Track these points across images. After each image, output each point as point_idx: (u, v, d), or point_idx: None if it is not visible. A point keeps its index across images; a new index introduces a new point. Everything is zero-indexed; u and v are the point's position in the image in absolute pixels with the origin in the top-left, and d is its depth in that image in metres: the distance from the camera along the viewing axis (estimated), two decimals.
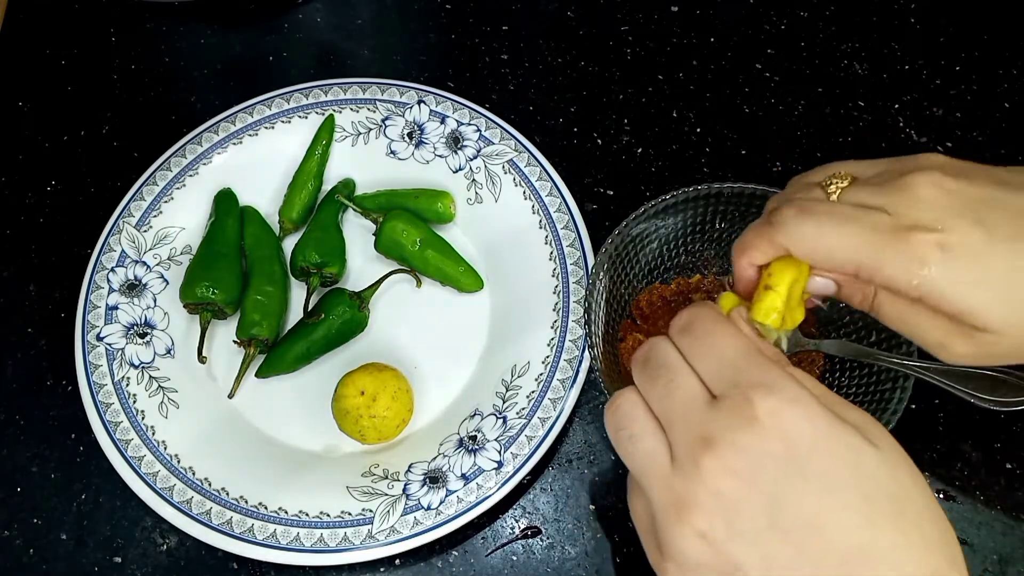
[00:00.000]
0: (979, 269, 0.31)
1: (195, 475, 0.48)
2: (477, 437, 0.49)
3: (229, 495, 0.47)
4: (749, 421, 0.29)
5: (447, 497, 0.47)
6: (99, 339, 0.52)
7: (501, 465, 0.47)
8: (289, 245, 0.56)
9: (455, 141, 0.58)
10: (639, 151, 0.61)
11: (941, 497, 0.48)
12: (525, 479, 0.48)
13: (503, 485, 0.47)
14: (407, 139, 0.59)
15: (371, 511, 0.47)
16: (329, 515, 0.47)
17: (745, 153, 0.60)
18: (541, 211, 0.55)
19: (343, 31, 0.67)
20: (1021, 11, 0.65)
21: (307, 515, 0.47)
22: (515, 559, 0.48)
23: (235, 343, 0.53)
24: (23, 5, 0.68)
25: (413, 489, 0.47)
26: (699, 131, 0.61)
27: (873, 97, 0.62)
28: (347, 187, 0.58)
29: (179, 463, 0.48)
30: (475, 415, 0.50)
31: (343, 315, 0.52)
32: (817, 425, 0.29)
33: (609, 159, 0.60)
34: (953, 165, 0.34)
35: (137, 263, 0.54)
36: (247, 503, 0.47)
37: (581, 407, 0.52)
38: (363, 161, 0.59)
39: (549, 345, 0.51)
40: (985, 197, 0.32)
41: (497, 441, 0.48)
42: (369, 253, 0.57)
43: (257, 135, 0.58)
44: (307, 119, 0.59)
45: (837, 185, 0.35)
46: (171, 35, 0.67)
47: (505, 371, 0.51)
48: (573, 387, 0.49)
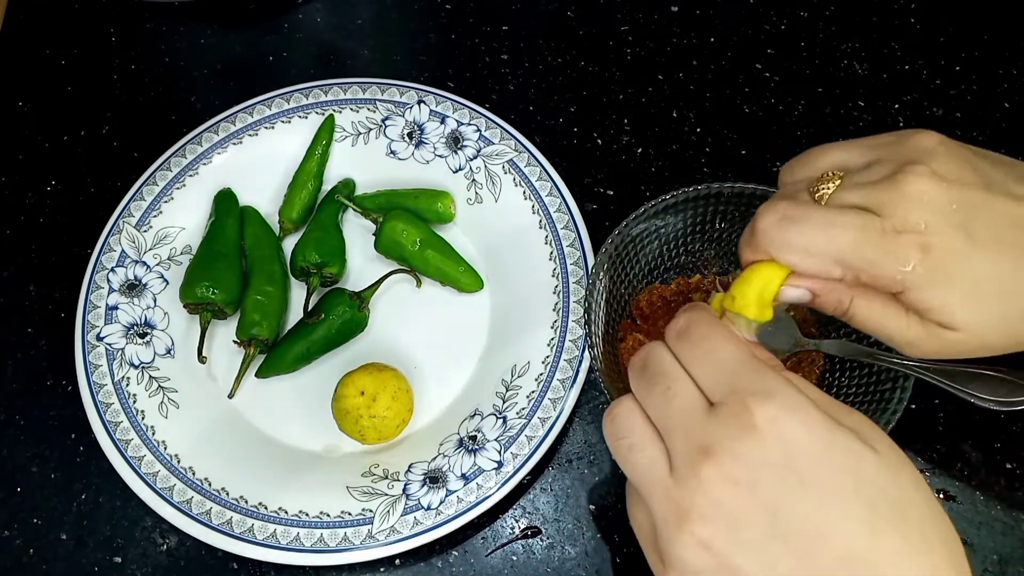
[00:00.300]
0: (954, 271, 0.33)
1: (195, 475, 0.48)
2: (477, 437, 0.49)
3: (229, 495, 0.47)
4: (748, 429, 0.29)
5: (447, 497, 0.47)
6: (99, 339, 0.52)
7: (501, 465, 0.47)
8: (289, 245, 0.56)
9: (455, 141, 0.58)
10: (639, 151, 0.61)
11: (941, 497, 0.48)
12: (525, 479, 0.48)
13: (503, 485, 0.47)
14: (407, 139, 0.59)
15: (371, 511, 0.47)
16: (329, 515, 0.47)
17: (745, 153, 0.60)
18: (541, 211, 0.55)
19: (343, 31, 0.67)
20: (1021, 11, 0.65)
21: (307, 515, 0.47)
22: (515, 559, 0.48)
23: (235, 343, 0.53)
24: (23, 5, 0.68)
25: (413, 489, 0.47)
26: (699, 131, 0.61)
27: (873, 97, 0.62)
28: (347, 187, 0.58)
29: (179, 463, 0.48)
30: (475, 415, 0.50)
31: (343, 315, 0.52)
32: (816, 431, 0.29)
33: (609, 159, 0.60)
34: (946, 159, 0.34)
35: (137, 263, 0.54)
36: (247, 503, 0.47)
37: (581, 407, 0.52)
38: (363, 161, 0.59)
39: (549, 345, 0.51)
40: (972, 201, 0.33)
41: (497, 441, 0.48)
42: (369, 253, 0.57)
43: (257, 135, 0.58)
44: (307, 119, 0.59)
45: (826, 188, 0.35)
46: (171, 35, 0.67)
47: (505, 371, 0.51)
48: (573, 387, 0.49)
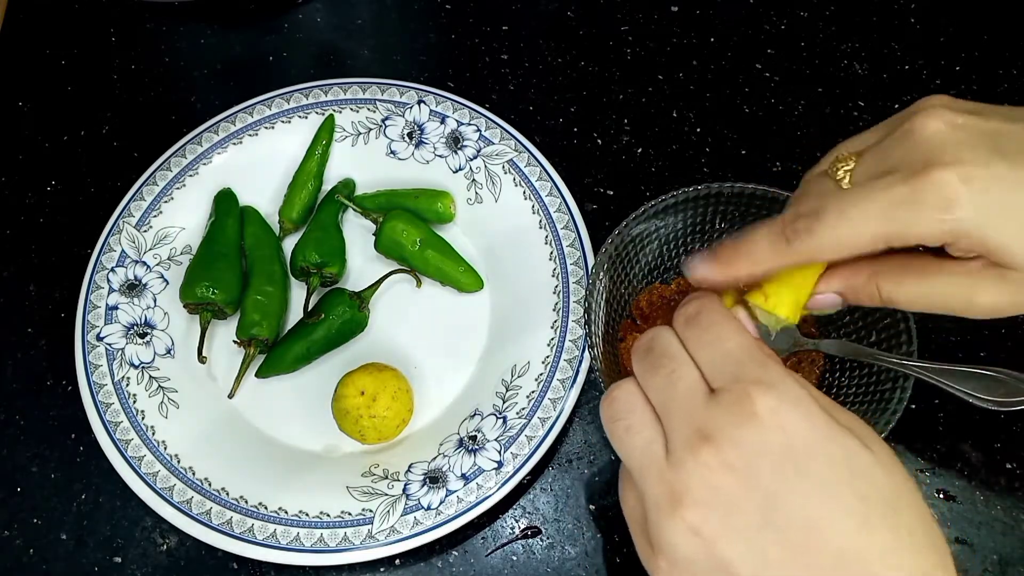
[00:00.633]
0: (1003, 200, 0.29)
1: (195, 475, 0.48)
2: (477, 437, 0.49)
3: (229, 495, 0.47)
4: (749, 417, 0.29)
5: (447, 497, 0.47)
6: (99, 339, 0.52)
7: (501, 465, 0.47)
8: (289, 245, 0.56)
9: (455, 141, 0.58)
10: (639, 151, 0.61)
11: (941, 497, 0.48)
12: (525, 479, 0.48)
13: (503, 485, 0.47)
14: (407, 139, 0.59)
15: (371, 511, 0.47)
16: (329, 515, 0.47)
17: (745, 153, 0.60)
18: (541, 211, 0.55)
19: (343, 31, 0.67)
20: (1021, 11, 0.65)
21: (307, 515, 0.47)
22: (515, 559, 0.48)
23: (235, 343, 0.53)
24: (23, 5, 0.68)
25: (413, 489, 0.47)
26: (699, 131, 0.61)
27: (873, 97, 0.62)
28: (347, 187, 0.58)
29: (179, 463, 0.48)
30: (475, 415, 0.50)
31: (343, 315, 0.52)
32: (816, 425, 0.29)
33: (609, 159, 0.60)
34: (956, 102, 0.32)
35: (137, 263, 0.54)
36: (247, 503, 0.47)
37: (581, 407, 0.52)
38: (363, 161, 0.59)
39: (549, 345, 0.51)
40: (997, 129, 0.30)
41: (497, 441, 0.48)
42: (369, 253, 0.57)
43: (257, 135, 0.58)
44: (307, 119, 0.59)
45: (844, 169, 0.33)
46: (171, 35, 0.67)
47: (505, 371, 0.51)
48: (573, 387, 0.49)
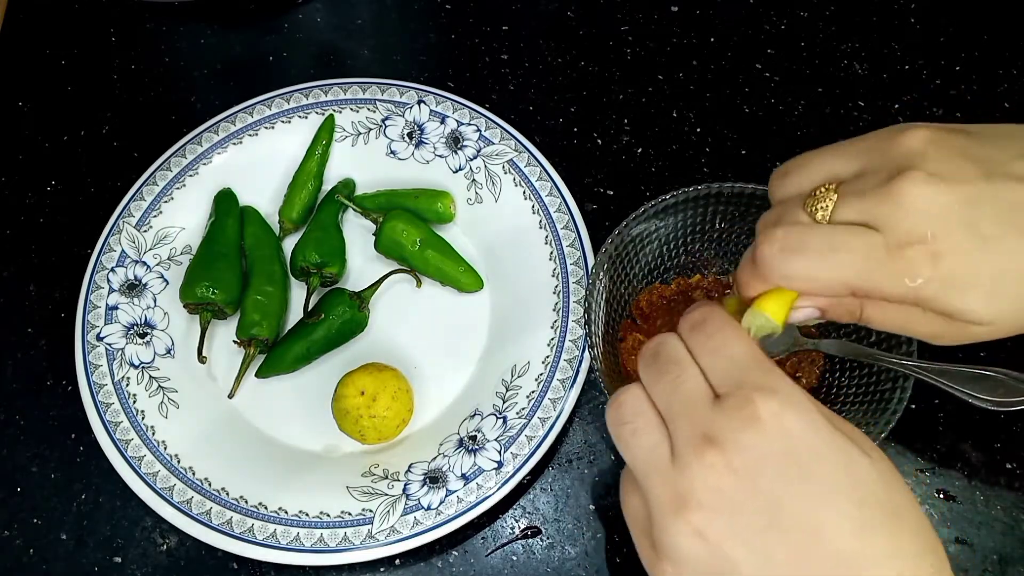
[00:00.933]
0: (970, 273, 0.31)
1: (195, 475, 0.48)
2: (477, 437, 0.49)
3: (229, 495, 0.47)
4: (752, 421, 0.30)
5: (447, 497, 0.47)
6: (99, 339, 0.52)
7: (501, 465, 0.47)
8: (289, 245, 0.56)
9: (455, 141, 0.58)
10: (639, 151, 0.61)
11: (941, 497, 0.48)
12: (525, 479, 0.48)
13: (503, 485, 0.47)
14: (407, 139, 0.59)
15: (371, 511, 0.47)
16: (329, 515, 0.47)
17: (745, 153, 0.60)
18: (541, 211, 0.55)
19: (343, 31, 0.67)
20: (1021, 11, 0.65)
21: (307, 515, 0.47)
22: (515, 559, 0.48)
23: (235, 343, 0.53)
24: (23, 5, 0.68)
25: (413, 489, 0.47)
26: (699, 131, 0.61)
27: (873, 97, 0.62)
28: (347, 187, 0.58)
29: (179, 463, 0.48)
30: (475, 415, 0.50)
31: (343, 315, 0.52)
32: (818, 430, 0.30)
33: (609, 159, 0.60)
34: (938, 158, 0.33)
35: (137, 263, 0.54)
36: (247, 503, 0.47)
37: (581, 407, 0.52)
38: (363, 161, 0.59)
39: (549, 345, 0.51)
40: (974, 195, 0.32)
41: (497, 441, 0.48)
42: (369, 253, 0.57)
43: (257, 135, 0.58)
44: (307, 119, 0.59)
45: (824, 206, 0.34)
46: (171, 35, 0.67)
47: (505, 371, 0.51)
48: (573, 387, 0.49)
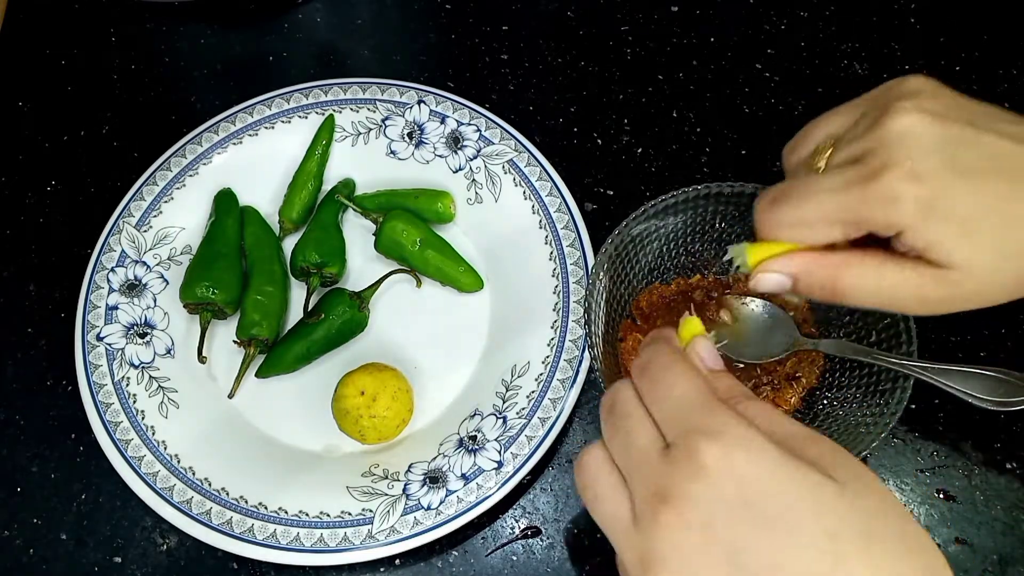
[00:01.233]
0: (944, 204, 0.32)
1: (195, 475, 0.48)
2: (477, 437, 0.49)
3: (229, 495, 0.47)
4: (698, 471, 0.29)
5: (447, 497, 0.47)
6: (99, 339, 0.52)
7: (501, 465, 0.47)
8: (289, 245, 0.56)
9: (455, 141, 0.58)
10: (639, 151, 0.61)
11: (941, 497, 0.48)
12: (525, 479, 0.48)
13: (503, 485, 0.47)
14: (407, 139, 0.59)
15: (371, 511, 0.47)
16: (329, 515, 0.47)
17: (745, 153, 0.60)
18: (541, 211, 0.55)
19: (343, 31, 0.67)
20: (1021, 11, 0.65)
21: (307, 515, 0.47)
22: (515, 559, 0.48)
23: (235, 343, 0.53)
24: (23, 5, 0.68)
25: (413, 489, 0.47)
26: (699, 131, 0.61)
27: None
28: (347, 187, 0.58)
29: (179, 463, 0.48)
30: (475, 415, 0.50)
31: (343, 315, 0.52)
32: (768, 466, 0.29)
33: (609, 159, 0.60)
34: (932, 97, 0.34)
35: (137, 263, 0.54)
36: (247, 503, 0.47)
37: (581, 407, 0.51)
38: (363, 161, 0.59)
39: (549, 345, 0.51)
40: (958, 135, 0.33)
41: (497, 441, 0.48)
42: (369, 253, 0.57)
43: (257, 135, 0.58)
44: (307, 119, 0.59)
45: (821, 161, 0.35)
46: (171, 35, 0.67)
47: (505, 371, 0.51)
48: (573, 387, 0.49)
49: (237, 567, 0.48)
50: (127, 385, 0.51)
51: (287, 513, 0.47)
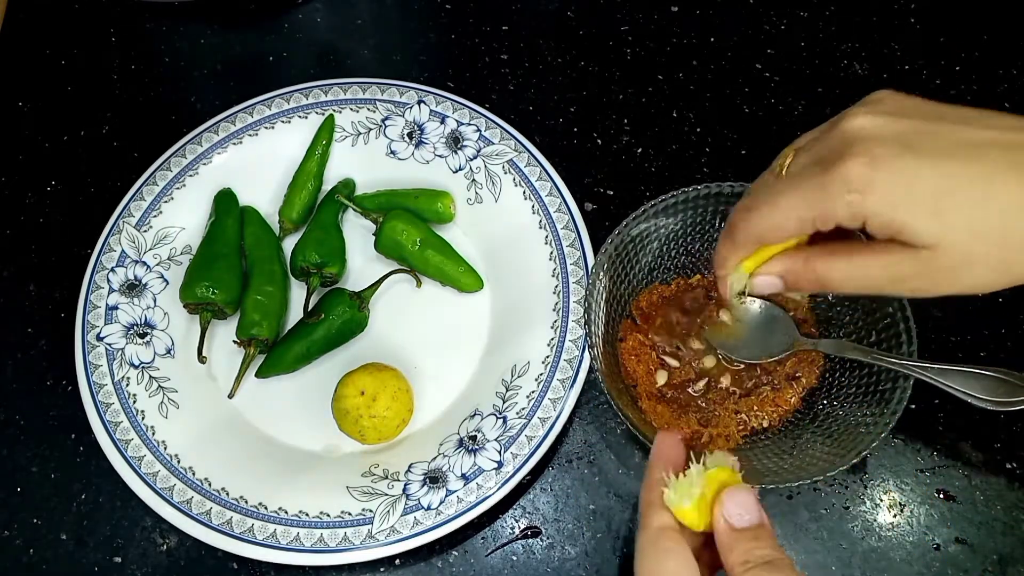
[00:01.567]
0: (906, 184, 0.32)
1: (195, 475, 0.48)
2: (477, 437, 0.49)
3: (229, 495, 0.47)
4: None
5: (447, 497, 0.47)
6: (99, 339, 0.52)
7: (501, 465, 0.47)
8: (289, 245, 0.56)
9: (455, 141, 0.58)
10: (639, 151, 0.61)
11: (941, 497, 0.48)
12: (525, 479, 0.48)
13: (503, 485, 0.47)
14: (407, 139, 0.59)
15: (371, 511, 0.47)
16: (329, 515, 0.47)
17: (745, 153, 0.60)
18: (541, 211, 0.55)
19: (343, 31, 0.67)
20: (1021, 11, 0.65)
21: (307, 515, 0.47)
22: (515, 559, 0.48)
23: (235, 343, 0.53)
24: (23, 5, 0.68)
25: (413, 489, 0.47)
26: (699, 131, 0.61)
27: None
28: (347, 187, 0.58)
29: (179, 463, 0.48)
30: (475, 415, 0.50)
31: (343, 315, 0.52)
32: None
33: (609, 159, 0.60)
34: (892, 101, 0.35)
35: (137, 263, 0.54)
36: (247, 503, 0.47)
37: (581, 407, 0.51)
38: (363, 161, 0.59)
39: (549, 345, 0.51)
40: (916, 128, 0.33)
41: (497, 441, 0.48)
42: (369, 253, 0.57)
43: (257, 135, 0.58)
44: (307, 119, 0.59)
45: (783, 164, 0.36)
46: (171, 35, 0.67)
47: (505, 371, 0.51)
48: (573, 387, 0.49)
49: (237, 567, 0.48)
50: (127, 385, 0.51)
51: (287, 513, 0.47)
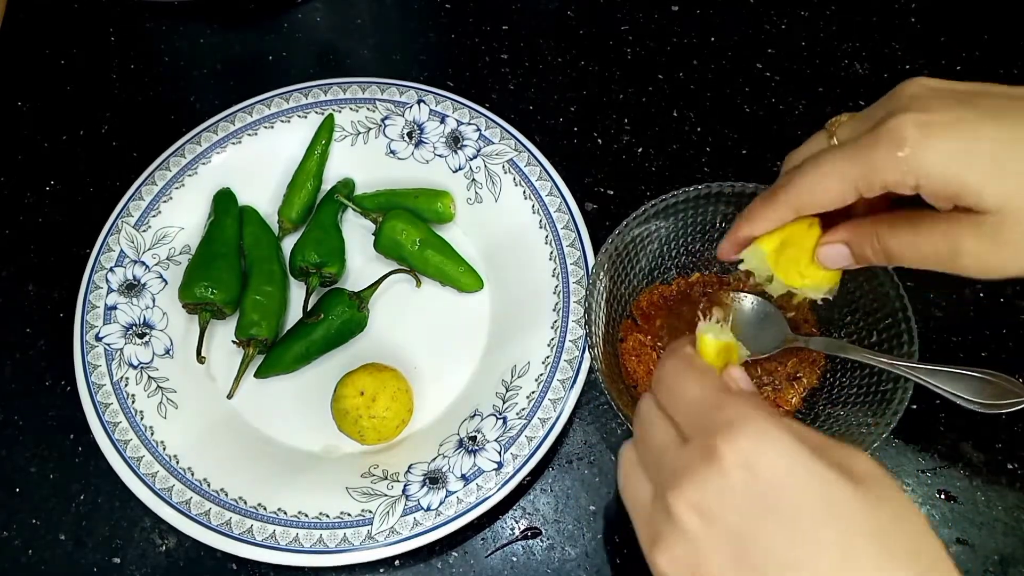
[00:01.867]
0: (965, 141, 0.30)
1: (194, 476, 0.48)
2: (477, 438, 0.48)
3: (228, 496, 0.47)
4: (713, 460, 0.29)
5: (447, 498, 0.47)
6: (98, 339, 0.52)
7: (501, 466, 0.47)
8: (288, 245, 0.56)
9: (455, 141, 0.58)
10: (639, 151, 0.60)
11: (942, 497, 0.48)
12: (525, 480, 0.48)
13: (503, 486, 0.47)
14: (407, 139, 0.58)
15: (370, 512, 0.46)
16: (328, 516, 0.46)
17: (745, 153, 0.60)
18: (541, 211, 0.55)
19: (343, 31, 0.67)
20: (1021, 11, 0.65)
21: (306, 516, 0.47)
22: (515, 560, 0.47)
23: (234, 343, 0.53)
24: (23, 5, 0.68)
25: (413, 490, 0.47)
26: (699, 131, 0.61)
27: (873, 97, 0.60)
28: (347, 187, 0.58)
29: (178, 463, 0.48)
30: (475, 415, 0.50)
31: (342, 315, 0.52)
32: (783, 459, 0.28)
33: (609, 159, 0.60)
34: (939, 79, 0.34)
35: (136, 263, 0.54)
36: (246, 504, 0.47)
37: (581, 407, 0.51)
38: (363, 161, 0.59)
39: (549, 345, 0.51)
40: (973, 90, 0.32)
41: (497, 442, 0.48)
42: (369, 253, 0.57)
43: (256, 135, 0.58)
44: (306, 119, 0.59)
45: (834, 126, 0.35)
46: (171, 35, 0.67)
47: (505, 371, 0.51)
48: (573, 387, 0.49)
49: (236, 568, 0.48)
50: (126, 385, 0.50)
51: (286, 514, 0.47)
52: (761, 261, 0.38)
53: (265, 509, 0.47)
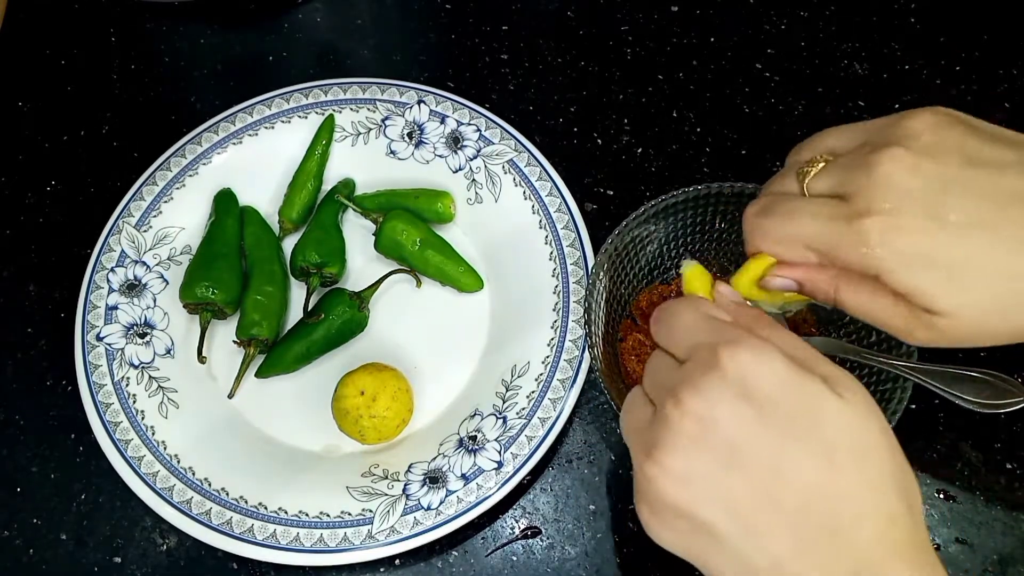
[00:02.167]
0: (927, 254, 0.32)
1: (195, 475, 0.48)
2: (477, 437, 0.49)
3: (229, 495, 0.47)
4: (710, 368, 0.31)
5: (447, 497, 0.47)
6: (99, 339, 0.52)
7: (501, 465, 0.47)
8: (289, 245, 0.56)
9: (455, 141, 0.58)
10: (639, 151, 0.61)
11: (941, 497, 0.48)
12: (525, 479, 0.48)
13: (503, 485, 0.47)
14: (407, 139, 0.59)
15: (371, 511, 0.47)
16: (329, 515, 0.47)
17: (745, 153, 0.60)
18: (541, 211, 0.55)
19: (343, 31, 0.67)
20: (1021, 11, 0.65)
21: (307, 515, 0.47)
22: (515, 559, 0.48)
23: (235, 343, 0.53)
24: (23, 5, 0.68)
25: (413, 489, 0.47)
26: (699, 131, 0.61)
27: (873, 97, 0.62)
28: (347, 187, 0.58)
29: (179, 463, 0.48)
30: (475, 415, 0.50)
31: (343, 315, 0.52)
32: (777, 373, 0.30)
33: (609, 159, 0.60)
34: (931, 137, 0.33)
35: (137, 263, 0.54)
36: (247, 503, 0.47)
37: (581, 407, 0.51)
38: (363, 161, 0.59)
39: (549, 345, 0.51)
40: (947, 180, 0.32)
41: (497, 441, 0.48)
42: (369, 253, 0.57)
43: (257, 135, 0.58)
44: (307, 119, 0.59)
45: (809, 171, 0.36)
46: (171, 35, 0.67)
47: (505, 371, 0.51)
48: (573, 387, 0.49)
49: (237, 567, 0.48)
50: (127, 385, 0.51)
51: (287, 513, 0.47)
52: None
53: (266, 508, 0.47)
